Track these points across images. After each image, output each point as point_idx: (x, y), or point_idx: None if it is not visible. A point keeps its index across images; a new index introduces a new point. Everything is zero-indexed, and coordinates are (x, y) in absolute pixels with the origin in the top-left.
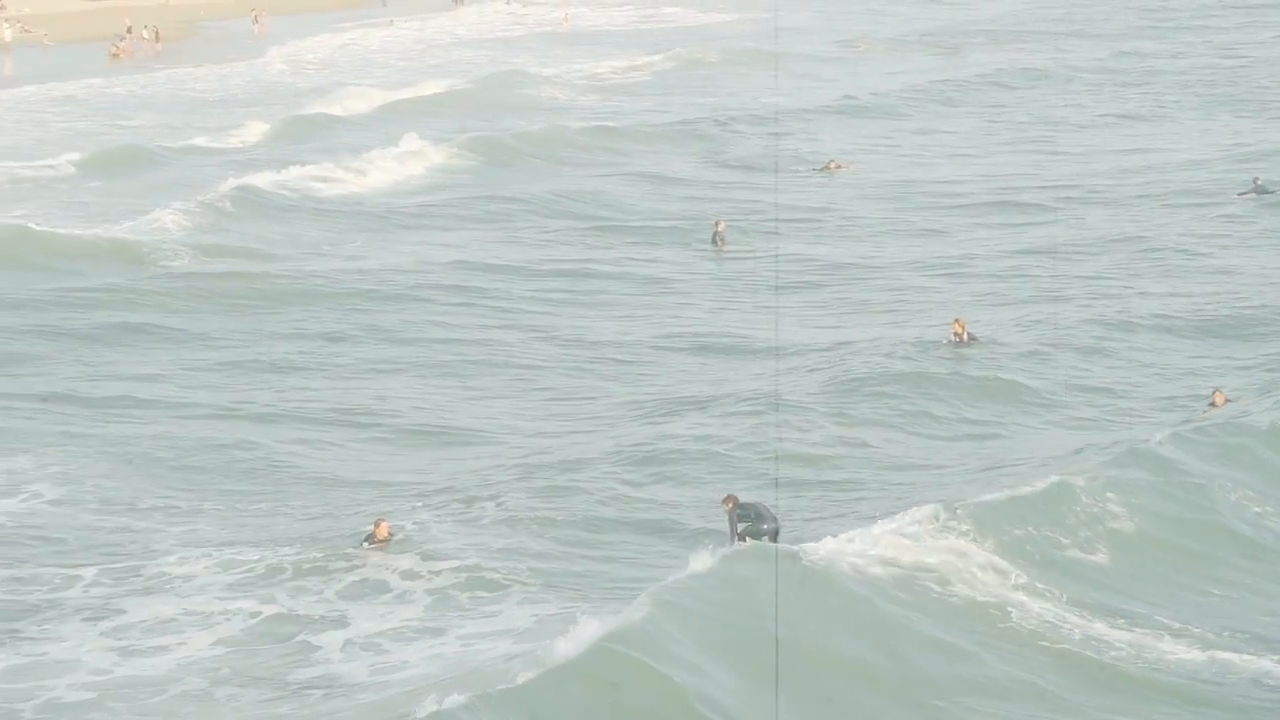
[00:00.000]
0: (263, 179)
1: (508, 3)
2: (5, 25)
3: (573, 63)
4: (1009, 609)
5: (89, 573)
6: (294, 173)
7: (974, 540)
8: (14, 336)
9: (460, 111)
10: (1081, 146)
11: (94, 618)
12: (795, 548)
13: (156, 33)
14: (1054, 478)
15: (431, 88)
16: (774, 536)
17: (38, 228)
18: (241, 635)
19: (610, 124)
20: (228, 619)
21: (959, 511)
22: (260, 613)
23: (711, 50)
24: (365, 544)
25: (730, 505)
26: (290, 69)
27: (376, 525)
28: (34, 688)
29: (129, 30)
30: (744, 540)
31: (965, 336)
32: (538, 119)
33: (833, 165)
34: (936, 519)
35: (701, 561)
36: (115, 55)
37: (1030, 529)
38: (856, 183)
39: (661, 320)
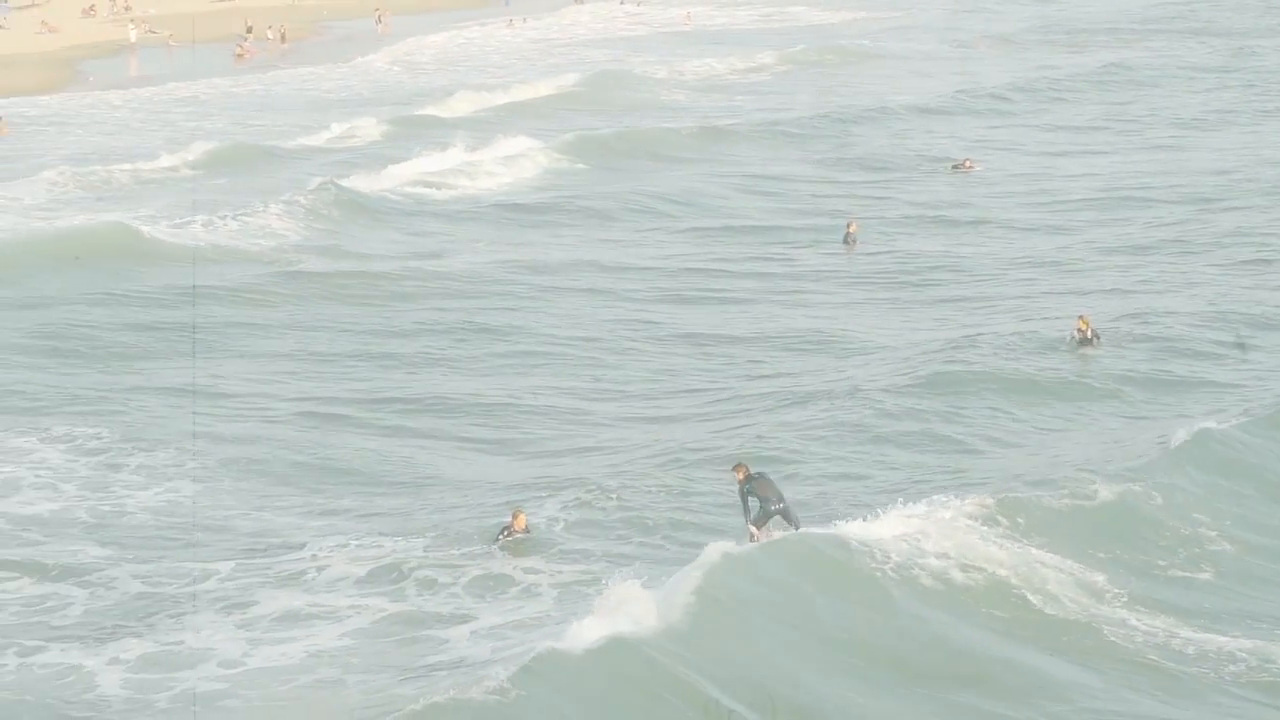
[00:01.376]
0: (377, 179)
1: (622, 2)
2: (130, 26)
3: (695, 61)
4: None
5: (225, 566)
6: (410, 173)
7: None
8: (138, 332)
9: (578, 111)
10: (1208, 144)
11: (228, 610)
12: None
13: (283, 33)
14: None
15: (549, 87)
16: (786, 516)
17: (150, 228)
18: (371, 627)
19: (732, 124)
20: (358, 612)
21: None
22: (390, 606)
23: (833, 49)
24: (503, 535)
25: (741, 475)
26: (408, 68)
27: (515, 516)
28: (167, 679)
29: (249, 30)
30: (757, 527)
31: (1090, 333)
32: (658, 119)
33: (967, 164)
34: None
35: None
36: (240, 55)
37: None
38: (987, 180)
39: (792, 318)
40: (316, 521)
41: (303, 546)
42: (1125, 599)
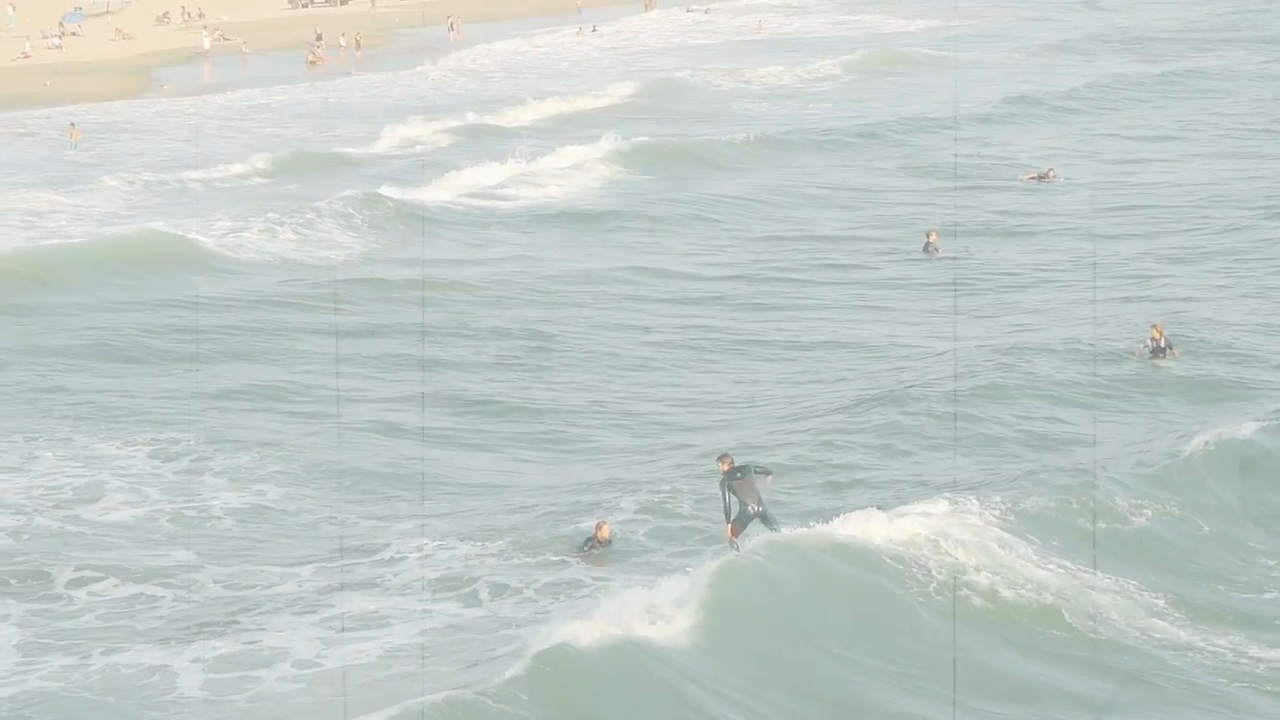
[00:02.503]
0: (441, 188)
1: (688, 10)
2: (204, 33)
3: (763, 69)
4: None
5: (305, 570)
6: (473, 181)
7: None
8: (208, 338)
9: (642, 119)
10: None
11: (305, 611)
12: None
13: (357, 40)
14: None
15: (614, 95)
16: (765, 520)
17: (216, 236)
18: (444, 629)
19: (800, 131)
20: (431, 615)
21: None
22: (464, 611)
23: (902, 56)
24: (587, 546)
25: (726, 466)
26: (477, 76)
27: (599, 527)
28: (245, 677)
29: (319, 37)
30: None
31: (1163, 342)
32: (724, 127)
33: (1050, 174)
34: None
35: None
36: (312, 62)
37: None
38: (1065, 188)
39: (870, 325)
40: (394, 525)
41: (380, 550)
42: (1185, 616)
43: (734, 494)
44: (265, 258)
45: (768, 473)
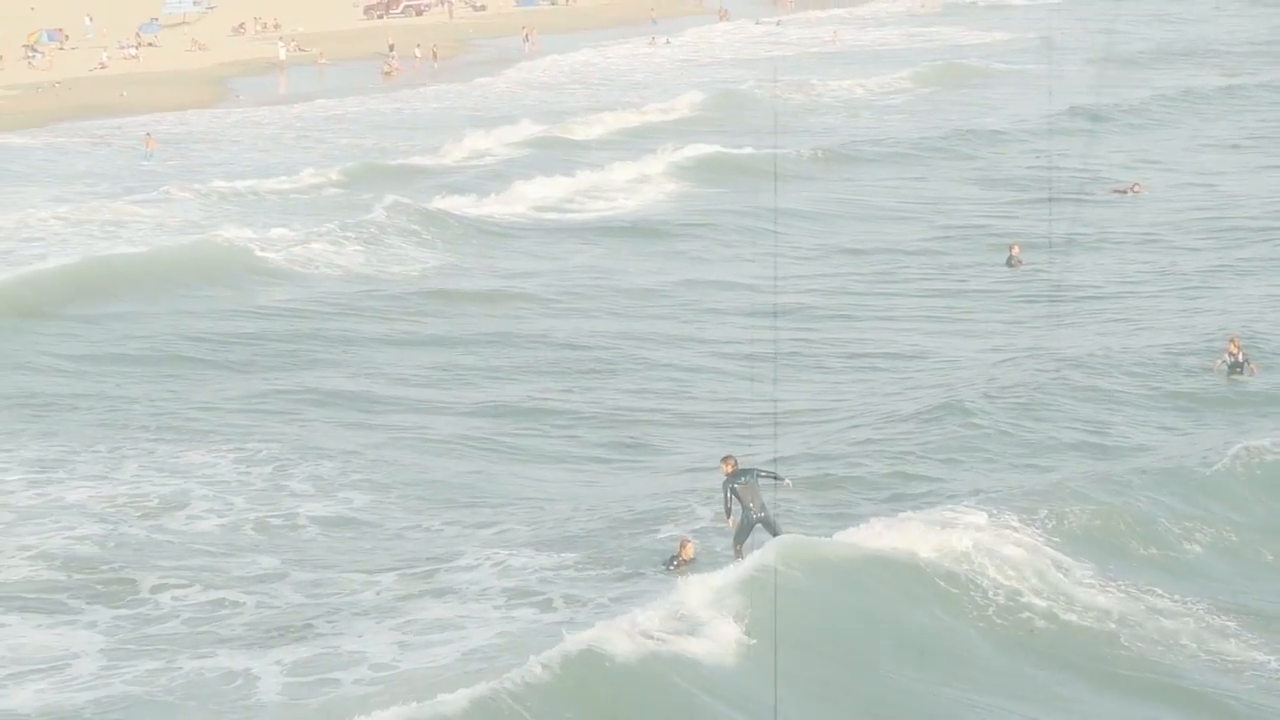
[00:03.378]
0: (512, 197)
1: (756, 22)
2: (279, 44)
3: (835, 81)
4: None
5: (386, 577)
6: (541, 193)
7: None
8: (285, 346)
9: (712, 131)
10: None
11: (383, 617)
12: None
13: (434, 52)
14: None
15: (684, 106)
16: (768, 525)
17: (287, 247)
18: (520, 635)
19: (875, 143)
20: (509, 621)
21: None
22: (541, 616)
23: (975, 68)
24: (672, 564)
25: (729, 468)
26: (548, 87)
27: (683, 546)
28: (323, 679)
29: (391, 48)
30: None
31: (1241, 357)
32: (802, 139)
33: (1135, 189)
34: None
35: None
36: (387, 73)
37: None
38: (1148, 201)
39: (952, 336)
40: (473, 534)
41: (457, 558)
42: (1257, 638)
43: (736, 497)
44: (336, 269)
45: (780, 479)
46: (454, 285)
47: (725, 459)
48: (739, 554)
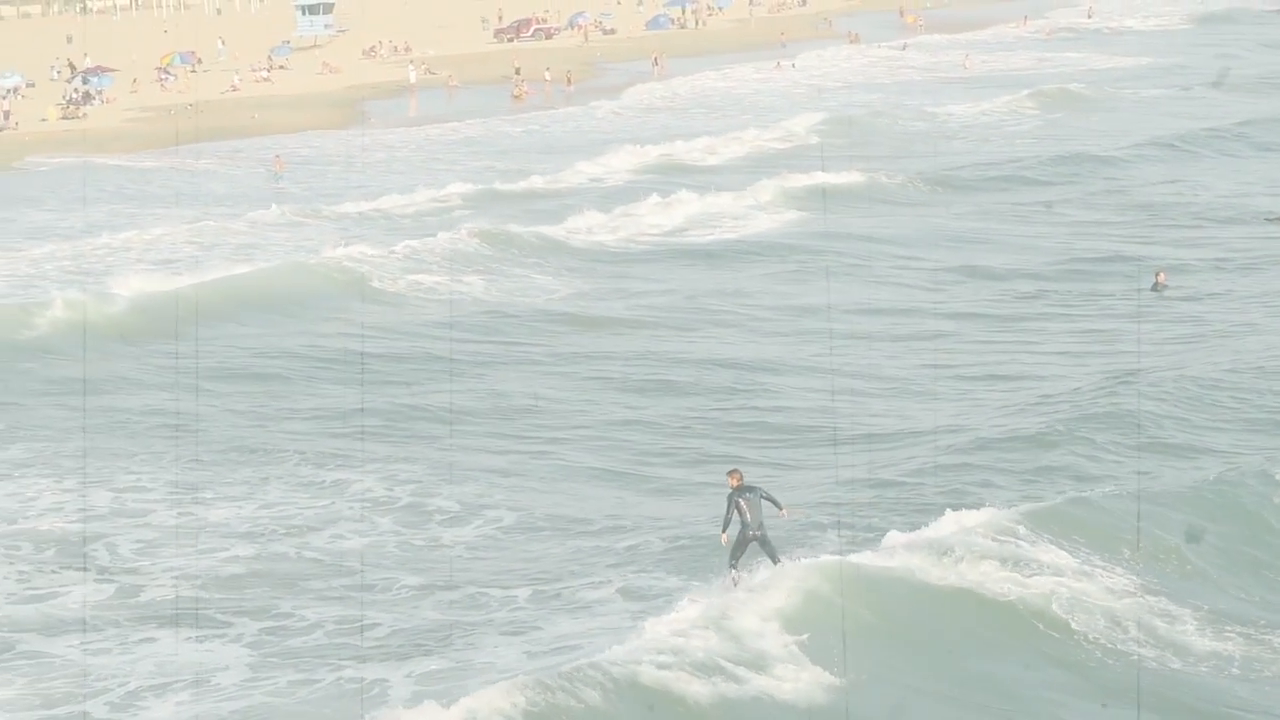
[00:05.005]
0: (629, 221)
1: (904, 47)
2: (410, 67)
3: (961, 105)
4: None
5: (522, 593)
6: (660, 217)
7: None
8: (418, 364)
9: (832, 155)
10: None
11: (515, 632)
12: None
13: (568, 76)
14: None
15: (803, 130)
16: (764, 545)
17: (412, 265)
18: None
19: (1000, 165)
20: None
21: None
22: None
23: (1107, 94)
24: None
25: (735, 482)
26: (675, 111)
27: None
28: (452, 688)
29: (517, 71)
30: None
31: None
32: (927, 163)
33: None
34: None
35: None
36: (517, 96)
37: None
38: None
39: (1096, 358)
40: (607, 553)
41: (590, 574)
42: None
43: (738, 511)
44: (461, 293)
45: (780, 506)
46: (580, 309)
47: (731, 472)
48: (733, 568)
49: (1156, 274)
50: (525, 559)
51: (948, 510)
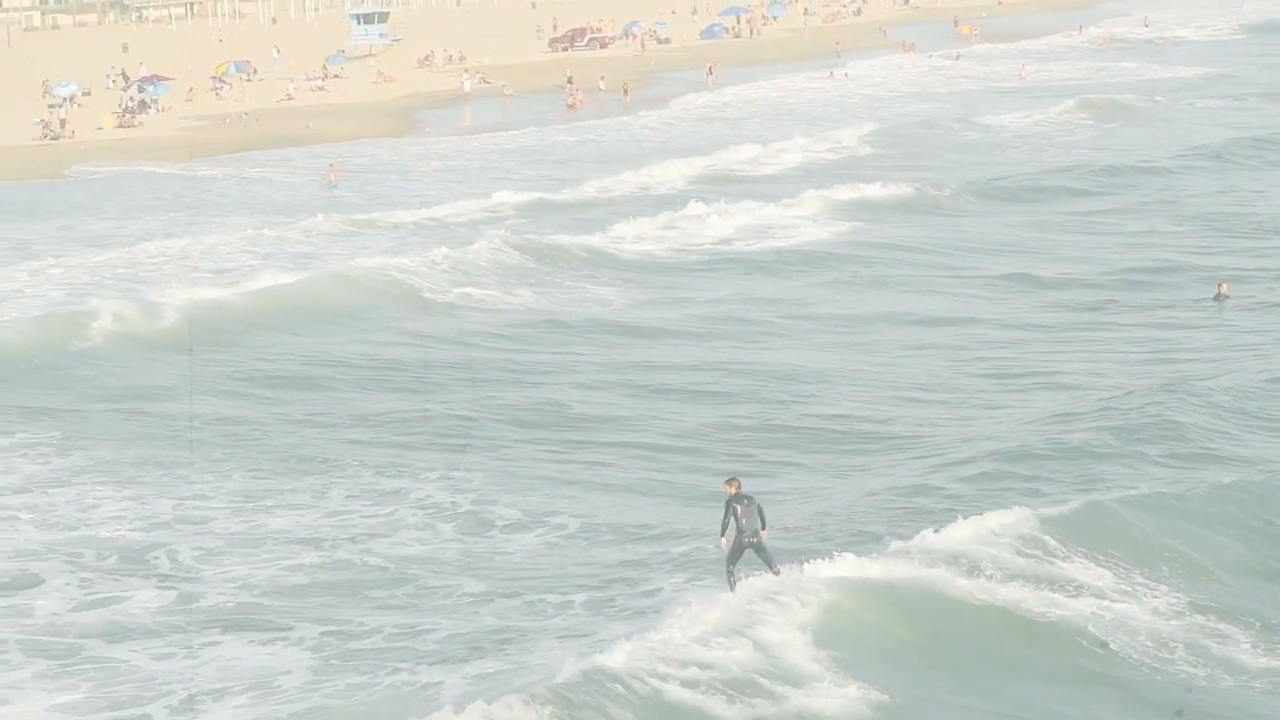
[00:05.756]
0: (679, 231)
1: (957, 58)
2: (465, 76)
3: (1012, 114)
4: None
5: (579, 598)
6: (712, 225)
7: None
8: (475, 372)
9: (881, 165)
10: None
11: (570, 636)
12: None
13: (625, 88)
14: None
15: (862, 139)
16: (760, 552)
17: (465, 274)
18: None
19: (1053, 174)
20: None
21: None
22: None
23: (1163, 103)
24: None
25: (733, 490)
26: (728, 121)
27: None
28: (502, 690)
29: (569, 80)
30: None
31: None
32: (979, 172)
33: None
34: None
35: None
36: (571, 105)
37: None
38: None
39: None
40: (670, 559)
41: (644, 583)
42: None
43: (734, 517)
44: (514, 302)
45: (763, 523)
46: (634, 319)
47: (730, 480)
48: (730, 574)
49: (1219, 285)
50: (583, 566)
51: (984, 515)
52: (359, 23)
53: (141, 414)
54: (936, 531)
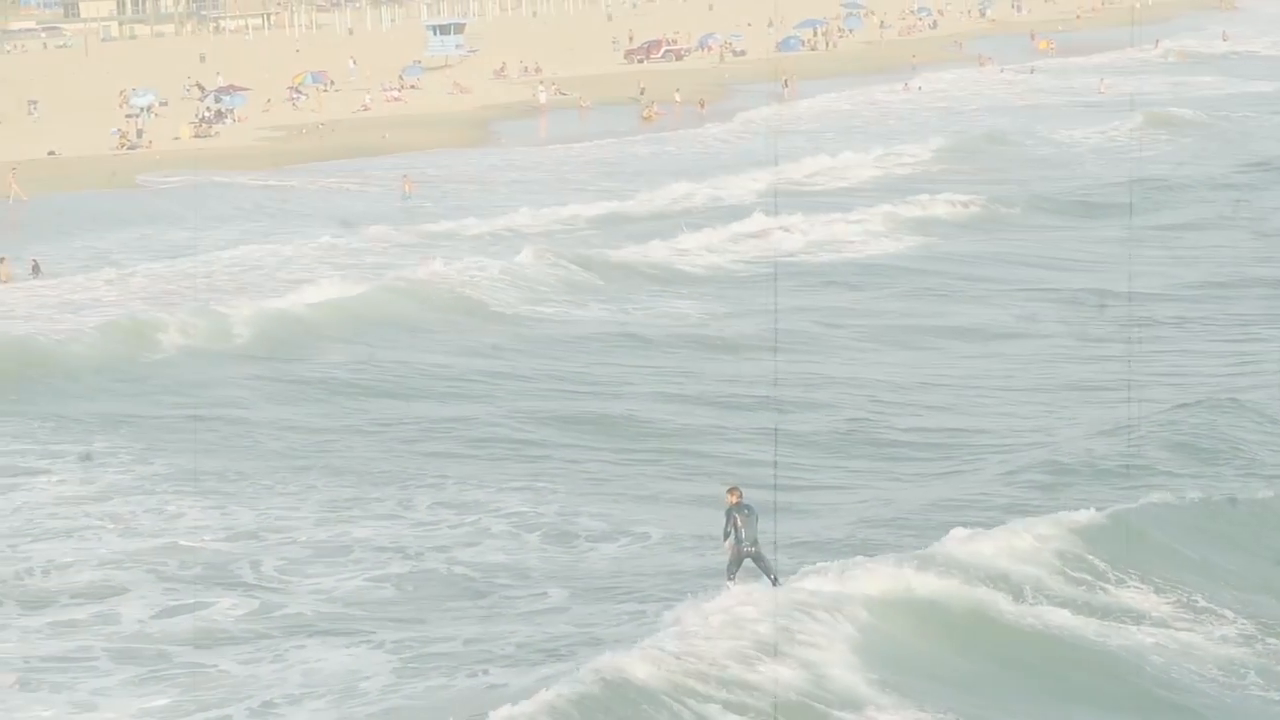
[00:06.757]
0: (751, 242)
1: (1001, 70)
2: (540, 88)
3: (1089, 127)
4: None
5: (652, 607)
6: (784, 238)
7: None
8: (554, 383)
9: (954, 178)
10: None
11: (635, 643)
12: None
13: (701, 102)
14: None
15: (924, 152)
16: (759, 561)
17: (546, 286)
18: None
19: (1135, 190)
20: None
21: None
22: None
23: (1243, 118)
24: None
25: (734, 499)
26: (804, 133)
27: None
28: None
29: (642, 91)
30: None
31: None
32: (1051, 185)
33: None
34: None
35: None
36: (647, 117)
37: None
38: None
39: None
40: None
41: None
42: None
43: (735, 526)
44: (587, 313)
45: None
46: (710, 331)
47: (731, 489)
48: (731, 579)
49: None
50: (664, 575)
51: (1028, 522)
52: (435, 34)
53: (219, 423)
54: (987, 543)
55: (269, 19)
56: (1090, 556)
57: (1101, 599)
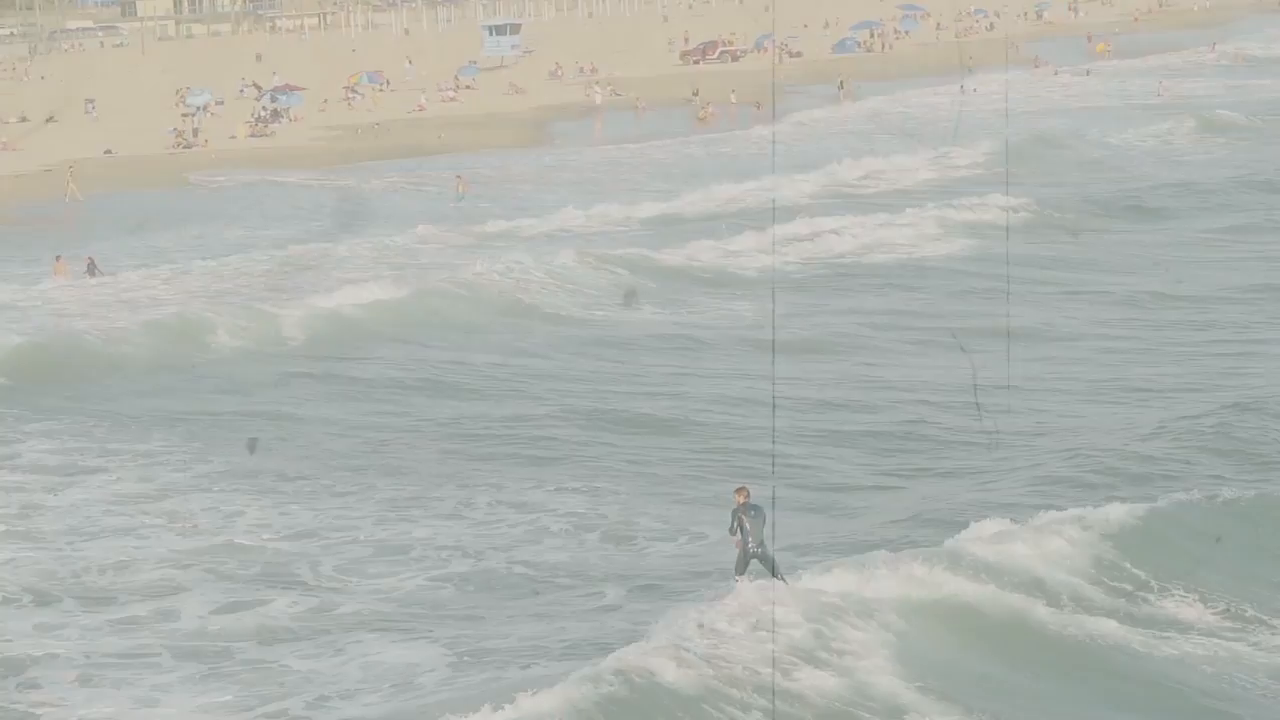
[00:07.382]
0: (808, 244)
1: (1055, 72)
2: (595, 88)
3: (1148, 127)
4: None
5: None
6: (833, 240)
7: None
8: (610, 385)
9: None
10: None
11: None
12: None
13: (758, 104)
14: None
15: (977, 156)
16: (764, 561)
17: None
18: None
19: (1190, 193)
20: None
21: None
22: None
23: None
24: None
25: (741, 499)
26: (853, 134)
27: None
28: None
29: (695, 93)
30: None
31: None
32: (1106, 188)
33: None
34: None
35: None
36: (702, 118)
37: None
38: None
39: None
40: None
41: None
42: None
43: (740, 526)
44: (643, 315)
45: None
46: (767, 332)
47: (739, 489)
48: (738, 578)
49: None
50: (718, 574)
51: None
52: (491, 34)
53: (279, 422)
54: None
55: (325, 19)
56: (1126, 563)
57: (1144, 608)
